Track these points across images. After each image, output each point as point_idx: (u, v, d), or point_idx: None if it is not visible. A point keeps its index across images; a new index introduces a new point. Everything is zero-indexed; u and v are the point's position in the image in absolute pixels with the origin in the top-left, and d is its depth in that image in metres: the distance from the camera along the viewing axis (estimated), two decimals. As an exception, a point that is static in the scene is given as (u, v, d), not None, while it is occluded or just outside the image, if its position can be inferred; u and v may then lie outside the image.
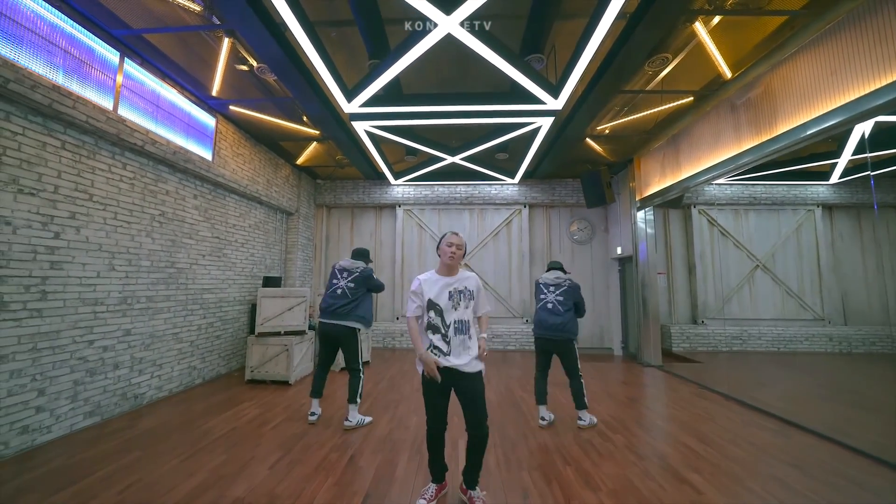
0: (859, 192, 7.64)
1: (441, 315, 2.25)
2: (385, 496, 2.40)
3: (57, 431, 3.17)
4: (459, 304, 2.26)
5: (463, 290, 2.30)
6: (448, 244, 2.31)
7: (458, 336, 2.22)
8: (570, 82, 4.04)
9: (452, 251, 2.29)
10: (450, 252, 2.29)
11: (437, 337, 2.23)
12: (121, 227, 3.80)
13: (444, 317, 2.24)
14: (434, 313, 2.25)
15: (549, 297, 3.61)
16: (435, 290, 2.28)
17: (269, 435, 3.31)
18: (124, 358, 3.82)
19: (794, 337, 7.27)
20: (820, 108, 3.35)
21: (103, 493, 2.40)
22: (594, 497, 2.38)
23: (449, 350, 2.21)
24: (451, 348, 2.21)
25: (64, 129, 3.26)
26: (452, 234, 2.34)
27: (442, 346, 2.23)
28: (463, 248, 2.33)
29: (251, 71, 4.34)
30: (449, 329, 2.22)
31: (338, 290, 3.59)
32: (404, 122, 4.91)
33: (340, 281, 3.63)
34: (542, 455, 2.98)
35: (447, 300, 2.26)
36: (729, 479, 2.62)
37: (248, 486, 2.48)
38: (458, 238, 2.33)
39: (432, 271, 2.38)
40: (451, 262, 2.30)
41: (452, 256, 2.29)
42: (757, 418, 3.83)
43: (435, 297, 2.27)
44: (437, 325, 2.24)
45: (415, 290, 2.33)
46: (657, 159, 5.99)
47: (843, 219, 7.81)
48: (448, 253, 2.29)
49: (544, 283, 3.68)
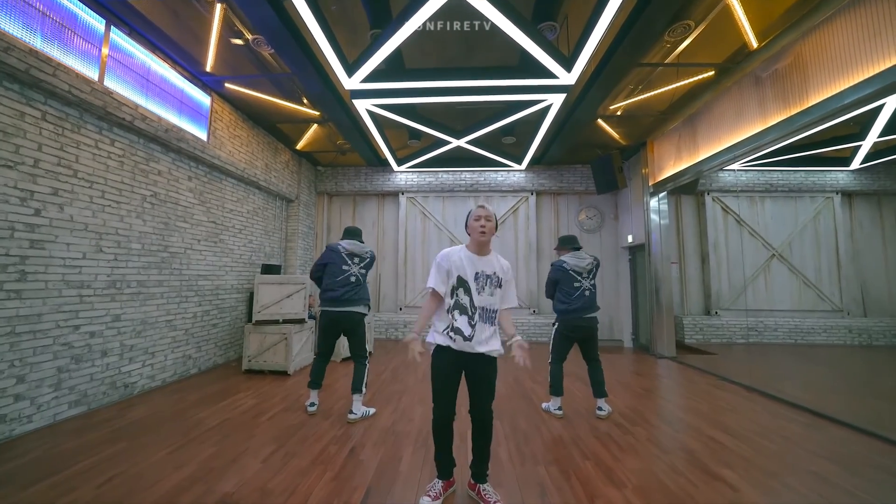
0: (881, 177, 7.34)
1: (470, 295, 1.99)
2: (388, 492, 2.18)
3: (39, 421, 2.98)
4: (484, 290, 2.01)
5: (491, 274, 2.03)
6: (476, 218, 2.03)
7: (483, 323, 1.99)
8: (585, 53, 3.78)
9: (482, 225, 2.01)
10: (479, 227, 2.01)
11: (464, 319, 1.98)
12: (109, 206, 3.59)
13: (472, 298, 1.99)
14: (463, 291, 2.00)
15: (585, 283, 3.40)
16: (465, 268, 2.02)
17: (264, 426, 3.11)
18: (113, 345, 3.62)
19: (812, 328, 7.01)
20: (858, 75, 3.08)
21: (82, 486, 2.20)
22: (619, 494, 2.16)
23: (471, 335, 1.97)
24: (473, 333, 1.97)
25: (44, 98, 3.04)
26: (479, 207, 2.08)
27: (465, 329, 1.97)
28: (493, 219, 2.05)
29: (246, 45, 4.11)
30: (476, 313, 1.98)
31: (352, 278, 3.34)
32: (407, 99, 4.66)
33: (353, 267, 3.37)
34: (559, 448, 2.76)
35: (474, 282, 2.00)
36: (764, 475, 2.39)
37: (239, 481, 2.27)
38: (485, 210, 2.05)
39: (462, 246, 2.11)
40: (483, 239, 2.03)
41: (483, 231, 2.01)
42: (784, 410, 3.59)
43: (465, 275, 2.02)
44: (466, 305, 1.99)
45: (439, 263, 2.05)
46: (672, 141, 5.72)
47: (863, 206, 7.52)
48: (478, 228, 2.02)
49: (576, 269, 3.42)
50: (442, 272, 2.05)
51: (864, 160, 6.87)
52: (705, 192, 7.43)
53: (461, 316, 2.00)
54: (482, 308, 2.00)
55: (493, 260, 2.08)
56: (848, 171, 7.39)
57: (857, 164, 7.06)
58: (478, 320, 1.99)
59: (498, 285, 2.04)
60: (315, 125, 5.97)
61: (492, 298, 2.02)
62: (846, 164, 7.14)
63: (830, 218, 7.40)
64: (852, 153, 6.81)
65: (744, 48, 3.92)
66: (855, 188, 7.37)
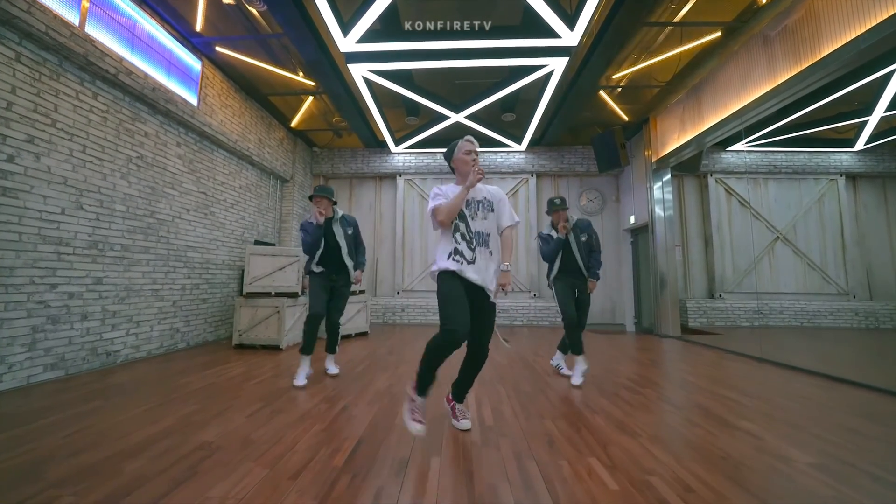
0: (886, 159, 7.23)
1: (465, 221, 2.05)
2: (381, 442, 2.00)
3: (9, 382, 2.78)
4: (478, 214, 2.06)
5: (482, 200, 2.10)
6: (466, 152, 2.12)
7: (480, 247, 2.03)
8: (588, 9, 3.65)
9: (473, 158, 2.10)
10: (471, 160, 2.10)
11: (464, 244, 2.03)
12: (91, 162, 3.41)
13: (468, 223, 2.05)
14: (458, 219, 2.05)
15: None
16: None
17: (251, 388, 2.93)
18: (94, 309, 3.43)
19: (819, 311, 6.87)
20: (875, 18, 2.94)
21: (46, 437, 2.01)
22: (634, 442, 1.98)
23: (473, 258, 2.01)
24: (475, 256, 2.01)
25: (19, 39, 2.86)
26: (465, 141, 2.15)
27: (467, 253, 2.02)
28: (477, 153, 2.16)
29: (237, 3, 3.96)
30: (473, 238, 2.03)
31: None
32: (404, 64, 4.51)
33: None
34: (566, 406, 2.59)
35: (465, 208, 2.06)
36: (789, 428, 2.22)
37: (220, 432, 2.09)
38: (472, 144, 2.14)
39: (451, 184, 2.20)
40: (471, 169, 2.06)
41: (475, 162, 2.09)
42: (799, 376, 3.43)
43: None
44: (463, 231, 2.05)
45: (436, 193, 2.14)
46: (676, 115, 5.58)
47: (867, 188, 7.39)
48: (469, 161, 2.10)
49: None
50: (439, 200, 2.08)
51: (869, 140, 6.76)
52: (708, 174, 7.30)
53: (462, 241, 2.04)
54: (478, 233, 2.05)
55: (480, 188, 2.14)
56: (852, 153, 7.27)
57: (861, 145, 6.95)
58: (476, 245, 2.03)
59: (490, 209, 2.09)
60: (310, 98, 5.80)
61: (486, 222, 2.07)
62: (850, 144, 7.02)
63: (835, 200, 7.28)
64: (856, 134, 6.70)
65: (752, 5, 3.80)
66: (859, 170, 7.25)
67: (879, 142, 6.83)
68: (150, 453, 1.82)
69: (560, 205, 3.25)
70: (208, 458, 1.78)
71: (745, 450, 1.90)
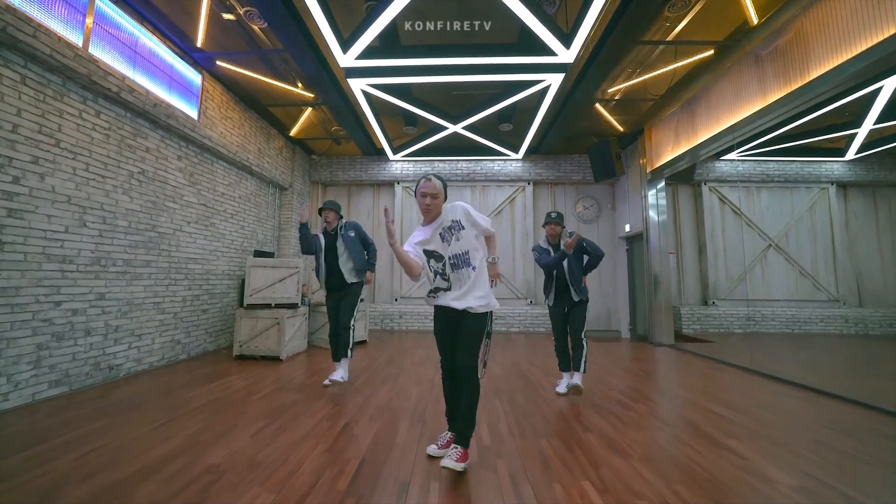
0: (875, 169, 7.37)
1: (439, 258, 2.09)
2: (384, 462, 2.08)
3: (16, 400, 2.84)
4: (451, 239, 2.08)
5: (451, 225, 2.09)
6: (422, 195, 2.06)
7: (455, 271, 2.07)
8: (584, 29, 3.72)
9: (427, 203, 2.05)
10: (424, 205, 2.06)
11: (438, 278, 2.11)
12: (93, 180, 3.46)
13: (442, 258, 2.09)
14: (434, 260, 2.10)
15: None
16: (428, 239, 2.09)
17: (255, 404, 2.99)
18: (97, 324, 3.48)
19: (809, 318, 7.00)
20: (861, 45, 3.04)
21: (60, 457, 2.08)
22: (626, 464, 2.07)
23: (449, 286, 2.09)
24: (451, 283, 2.09)
25: (24, 62, 2.91)
26: (424, 181, 2.07)
27: (442, 284, 2.11)
28: (440, 194, 2.06)
29: (238, 20, 4.01)
30: (446, 266, 2.08)
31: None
32: (403, 78, 4.58)
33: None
34: (560, 422, 2.68)
35: (440, 242, 2.09)
36: (771, 444, 2.32)
37: (227, 453, 2.16)
38: (429, 185, 2.05)
39: (418, 227, 2.18)
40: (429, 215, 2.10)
41: (428, 209, 2.06)
42: (783, 388, 3.54)
43: (430, 246, 2.10)
44: (438, 269, 2.10)
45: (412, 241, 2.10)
46: (670, 127, 5.68)
47: (857, 197, 7.53)
48: (423, 206, 2.07)
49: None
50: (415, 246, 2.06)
51: (859, 150, 6.90)
52: (702, 183, 7.41)
53: (436, 276, 2.11)
54: (456, 255, 2.06)
55: (445, 214, 2.11)
56: (843, 162, 7.40)
57: (851, 155, 7.08)
58: (454, 269, 2.07)
59: (461, 227, 2.07)
60: (309, 109, 5.85)
61: (460, 243, 2.07)
62: (841, 154, 7.15)
63: (826, 209, 7.41)
64: (847, 144, 6.83)
65: (744, 25, 3.89)
66: (850, 179, 7.39)
67: (869, 152, 6.96)
68: (160, 476, 1.89)
69: (555, 219, 3.34)
70: (216, 481, 1.85)
71: (729, 470, 2.00)
